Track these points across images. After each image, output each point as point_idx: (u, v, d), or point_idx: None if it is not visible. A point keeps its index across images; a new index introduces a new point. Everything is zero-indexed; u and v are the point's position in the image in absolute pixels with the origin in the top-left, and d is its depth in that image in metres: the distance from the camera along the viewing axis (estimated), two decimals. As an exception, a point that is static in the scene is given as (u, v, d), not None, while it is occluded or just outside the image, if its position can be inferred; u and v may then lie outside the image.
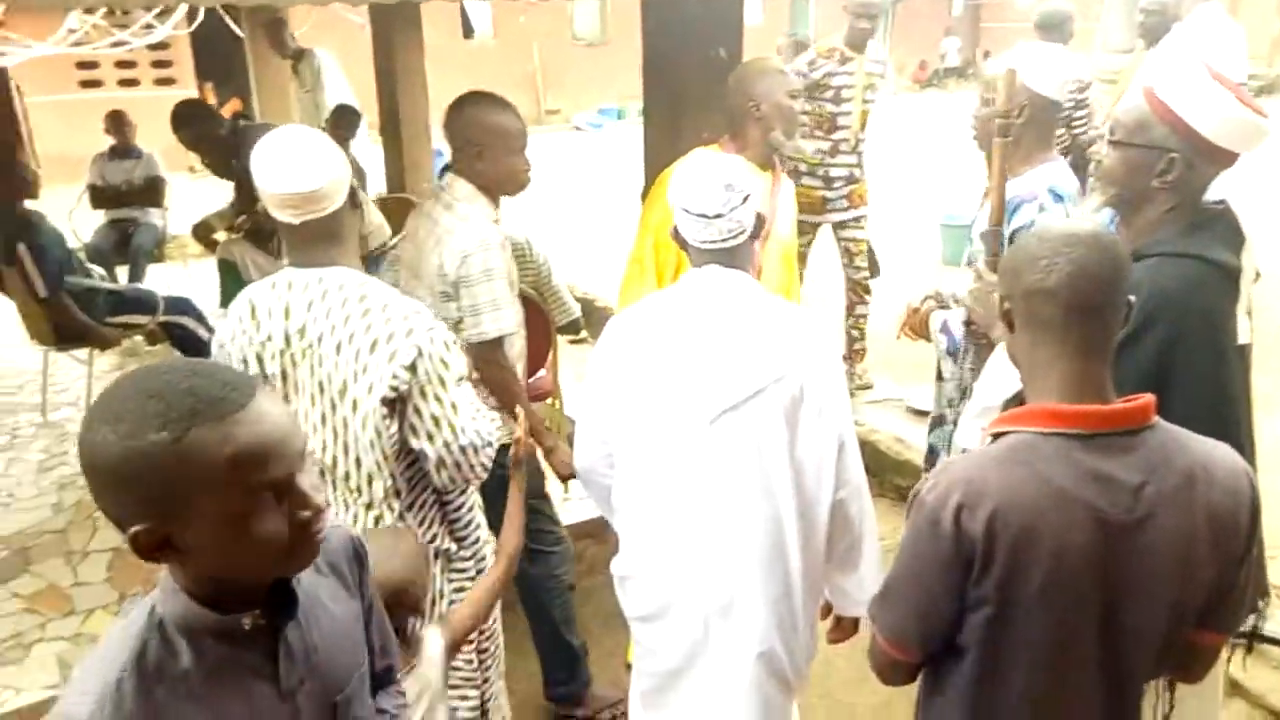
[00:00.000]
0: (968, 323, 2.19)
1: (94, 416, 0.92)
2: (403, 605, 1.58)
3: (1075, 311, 1.31)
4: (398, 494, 1.88)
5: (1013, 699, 1.36)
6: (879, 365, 5.00)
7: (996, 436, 1.37)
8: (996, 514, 1.27)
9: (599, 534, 3.21)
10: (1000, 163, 2.03)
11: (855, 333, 4.93)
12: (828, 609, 2.08)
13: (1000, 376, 1.85)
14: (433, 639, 1.68)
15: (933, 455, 3.12)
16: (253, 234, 3.98)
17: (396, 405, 1.79)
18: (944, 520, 1.30)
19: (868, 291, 4.91)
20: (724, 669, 1.91)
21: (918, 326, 2.75)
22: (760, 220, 1.91)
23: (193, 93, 11.13)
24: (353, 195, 1.83)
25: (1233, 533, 1.32)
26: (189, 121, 4.25)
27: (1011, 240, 2.07)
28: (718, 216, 1.83)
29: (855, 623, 2.05)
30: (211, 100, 11.41)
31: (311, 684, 1.11)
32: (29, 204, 4.25)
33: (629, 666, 2.94)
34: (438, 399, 1.80)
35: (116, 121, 6.33)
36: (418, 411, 1.80)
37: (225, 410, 0.92)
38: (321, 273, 1.80)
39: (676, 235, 1.94)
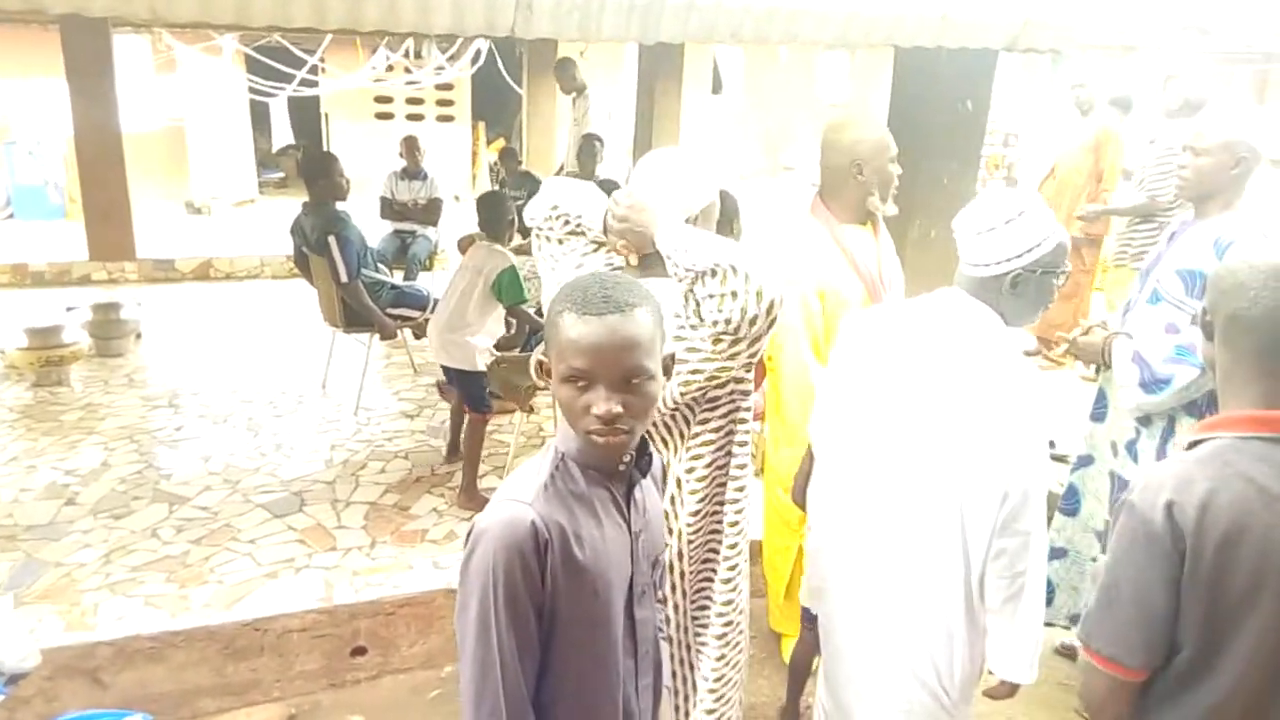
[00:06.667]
0: None
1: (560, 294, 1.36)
2: None
3: (1275, 342, 1.35)
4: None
5: (1221, 700, 1.37)
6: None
7: (1192, 445, 1.40)
8: (1206, 509, 1.31)
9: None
10: None
11: None
12: None
13: None
14: None
15: (1072, 497, 2.99)
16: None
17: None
18: (1155, 518, 1.33)
19: None
20: (876, 664, 1.98)
21: (1087, 352, 2.71)
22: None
23: (468, 128, 12.28)
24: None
25: None
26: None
27: None
28: (984, 233, 1.86)
29: (1012, 689, 1.93)
30: (481, 136, 12.62)
31: (645, 536, 1.46)
32: (339, 205, 4.95)
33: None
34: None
35: (410, 146, 7.22)
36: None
37: (590, 311, 1.29)
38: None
39: None
